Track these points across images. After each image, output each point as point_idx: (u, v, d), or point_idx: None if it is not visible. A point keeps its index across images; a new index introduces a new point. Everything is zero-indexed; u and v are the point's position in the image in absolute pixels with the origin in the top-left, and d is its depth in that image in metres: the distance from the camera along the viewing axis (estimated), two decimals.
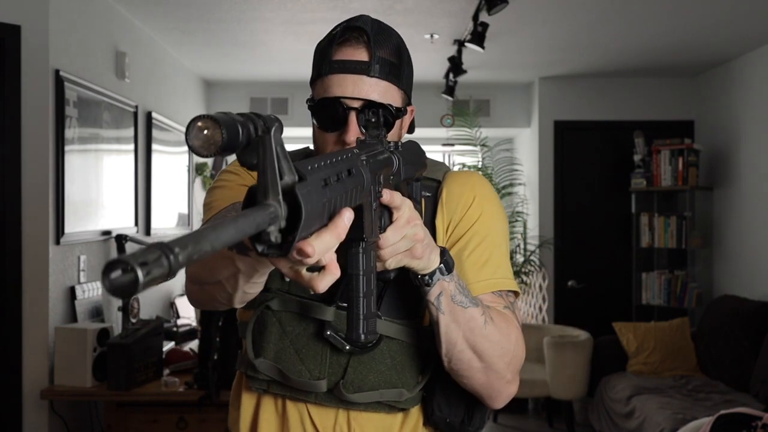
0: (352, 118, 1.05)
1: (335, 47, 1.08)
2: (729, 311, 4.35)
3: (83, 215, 3.17)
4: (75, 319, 3.04)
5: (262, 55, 4.75)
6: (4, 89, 2.78)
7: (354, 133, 1.04)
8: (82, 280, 3.16)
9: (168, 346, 3.39)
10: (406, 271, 1.05)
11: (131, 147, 3.83)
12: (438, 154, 6.16)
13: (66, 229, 2.98)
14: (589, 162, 5.53)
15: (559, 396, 4.59)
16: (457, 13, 3.77)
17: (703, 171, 5.16)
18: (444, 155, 6.32)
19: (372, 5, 3.60)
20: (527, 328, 5.10)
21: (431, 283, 0.97)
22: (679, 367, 4.46)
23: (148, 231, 4.08)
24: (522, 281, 5.43)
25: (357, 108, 1.05)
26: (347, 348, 1.05)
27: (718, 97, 5.10)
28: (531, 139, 5.76)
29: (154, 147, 4.17)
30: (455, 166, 6.05)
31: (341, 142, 1.06)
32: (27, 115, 2.83)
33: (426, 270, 0.96)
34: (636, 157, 5.17)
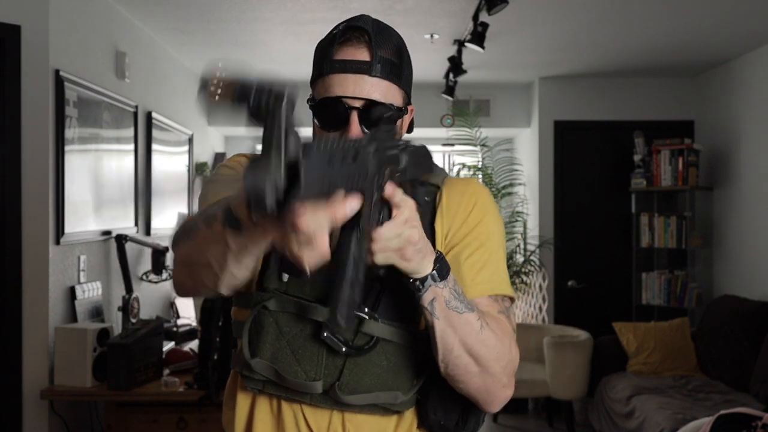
0: (353, 117, 1.05)
1: (336, 47, 1.09)
2: (729, 311, 4.35)
3: (83, 215, 3.17)
4: (75, 319, 3.04)
5: (262, 55, 4.75)
6: (4, 89, 2.78)
7: (356, 133, 1.05)
8: (82, 280, 3.16)
9: (168, 346, 3.39)
10: (402, 275, 1.06)
11: (131, 147, 3.83)
12: (438, 154, 6.16)
13: (66, 229, 2.98)
14: (589, 162, 5.53)
15: (559, 396, 4.59)
16: (457, 13, 3.77)
17: (703, 171, 5.16)
18: (444, 155, 6.32)
19: (372, 5, 3.60)
20: (527, 328, 5.10)
21: (422, 289, 0.97)
22: (679, 367, 4.46)
23: (148, 231, 4.08)
24: (522, 281, 5.43)
25: (358, 108, 1.05)
26: (344, 350, 1.05)
27: (718, 97, 5.10)
28: (531, 139, 5.76)
29: (154, 147, 4.17)
30: (455, 165, 6.06)
31: None
32: (27, 115, 2.83)
33: (417, 274, 0.96)
34: (636, 157, 5.17)
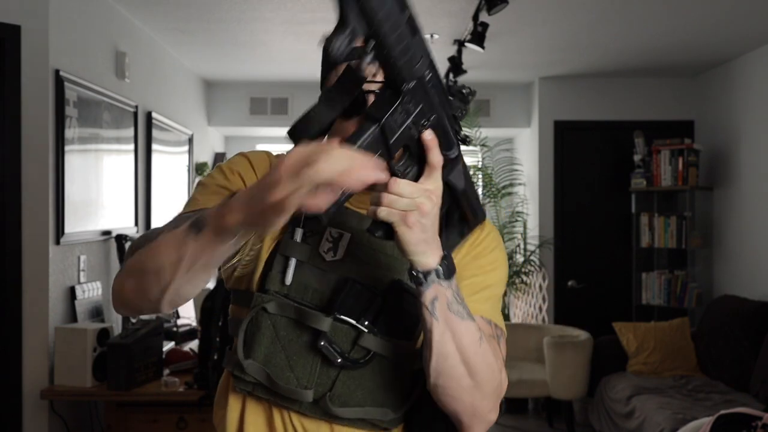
0: (370, 100, 1.02)
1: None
2: (729, 311, 4.35)
3: (83, 215, 3.17)
4: (75, 319, 3.04)
5: (262, 55, 4.75)
6: (4, 89, 2.78)
7: None
8: (82, 280, 3.16)
9: (168, 346, 3.38)
10: (406, 291, 1.04)
11: (131, 147, 3.83)
12: None
13: (66, 229, 2.98)
14: (589, 162, 5.53)
15: (559, 396, 4.59)
16: (457, 13, 3.77)
17: (703, 171, 5.16)
18: None
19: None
20: (527, 328, 5.11)
21: (425, 283, 0.93)
22: (679, 367, 4.46)
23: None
24: (522, 281, 5.43)
25: (375, 91, 1.01)
26: (339, 361, 1.03)
27: (718, 97, 5.10)
28: (531, 139, 5.76)
29: (154, 147, 4.17)
30: None
31: None
32: (27, 115, 2.83)
33: (418, 261, 0.92)
34: (636, 157, 5.17)
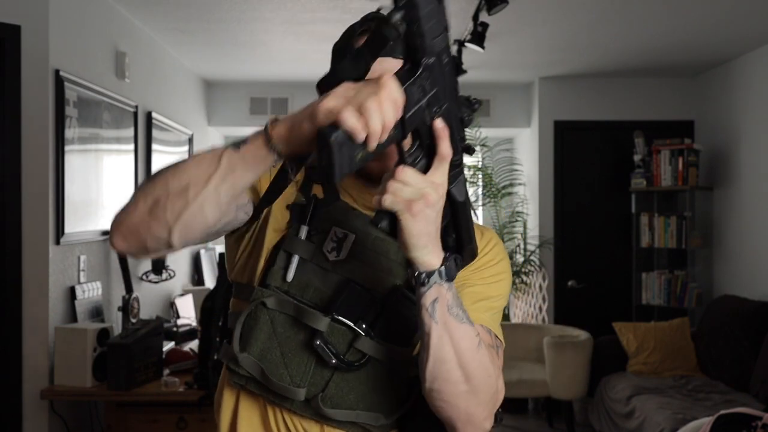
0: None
1: (357, 37, 1.08)
2: (729, 311, 4.35)
3: (83, 215, 3.17)
4: (75, 319, 3.04)
5: (262, 55, 4.75)
6: (4, 89, 2.78)
7: None
8: (82, 280, 3.16)
9: (168, 346, 3.39)
10: (406, 297, 1.03)
11: (131, 147, 3.83)
12: None
13: (66, 229, 2.98)
14: (589, 162, 5.53)
15: (559, 396, 4.59)
16: (457, 13, 3.77)
17: (703, 171, 5.16)
18: None
19: (372, 5, 3.59)
20: (527, 328, 5.11)
21: (427, 284, 0.92)
22: (679, 367, 4.46)
23: None
24: (522, 281, 5.43)
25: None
26: (333, 362, 1.02)
27: (718, 97, 5.10)
28: (531, 139, 5.76)
29: (154, 147, 4.17)
30: None
31: None
32: (27, 115, 2.83)
33: (419, 258, 0.92)
34: (636, 157, 5.17)
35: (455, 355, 0.95)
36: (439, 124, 0.87)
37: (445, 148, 0.88)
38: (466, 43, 3.86)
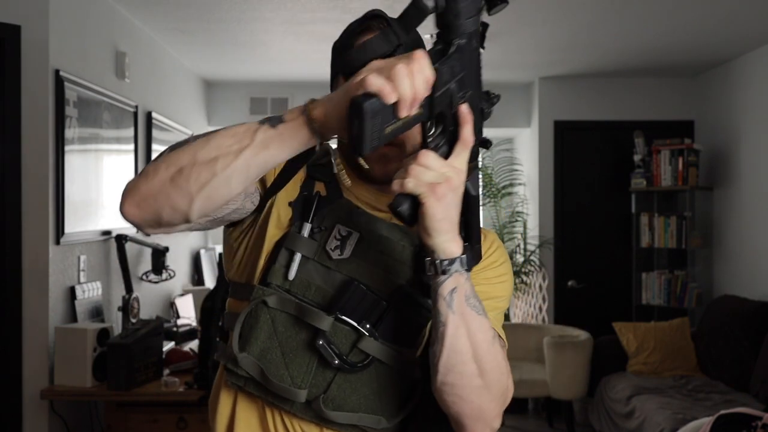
0: None
1: (357, 37, 1.07)
2: (729, 311, 4.36)
3: (83, 215, 3.17)
4: (75, 319, 3.04)
5: (262, 55, 4.75)
6: (4, 89, 2.78)
7: None
8: (82, 280, 3.16)
9: (168, 346, 3.39)
10: (411, 297, 1.02)
11: (131, 147, 3.83)
12: None
13: (66, 229, 2.97)
14: (589, 162, 5.53)
15: (559, 396, 4.59)
16: None
17: (703, 171, 5.16)
18: None
19: (372, 5, 3.59)
20: (527, 328, 5.11)
21: (448, 272, 0.90)
22: (679, 367, 4.47)
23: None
24: (522, 281, 5.43)
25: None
26: (336, 362, 0.99)
27: (718, 97, 5.10)
28: (531, 139, 5.76)
29: (154, 147, 4.16)
30: None
31: None
32: (27, 115, 2.83)
33: (443, 247, 0.89)
34: (636, 157, 5.17)
35: (471, 348, 0.93)
36: (465, 108, 0.86)
37: (469, 133, 0.87)
38: None
